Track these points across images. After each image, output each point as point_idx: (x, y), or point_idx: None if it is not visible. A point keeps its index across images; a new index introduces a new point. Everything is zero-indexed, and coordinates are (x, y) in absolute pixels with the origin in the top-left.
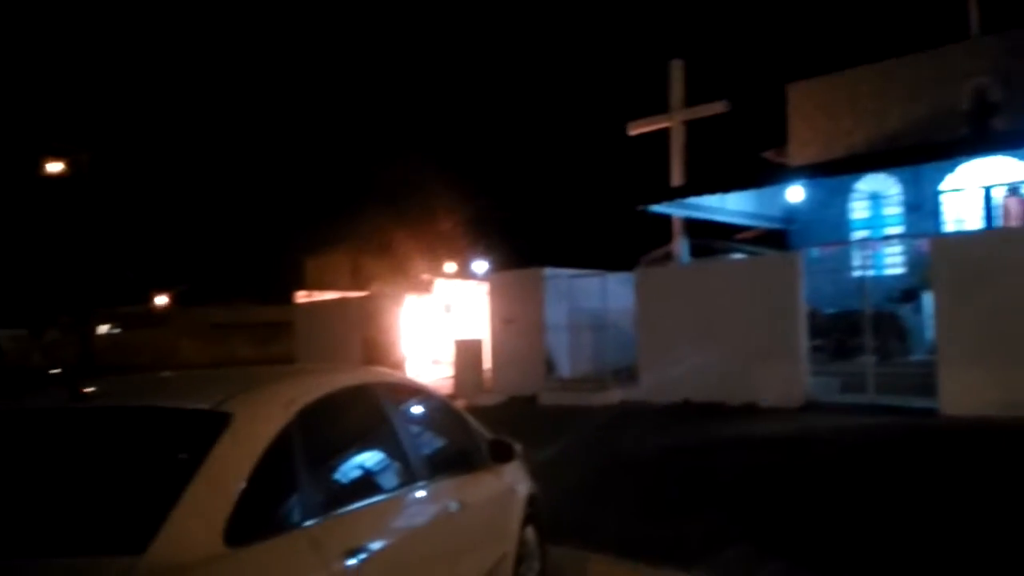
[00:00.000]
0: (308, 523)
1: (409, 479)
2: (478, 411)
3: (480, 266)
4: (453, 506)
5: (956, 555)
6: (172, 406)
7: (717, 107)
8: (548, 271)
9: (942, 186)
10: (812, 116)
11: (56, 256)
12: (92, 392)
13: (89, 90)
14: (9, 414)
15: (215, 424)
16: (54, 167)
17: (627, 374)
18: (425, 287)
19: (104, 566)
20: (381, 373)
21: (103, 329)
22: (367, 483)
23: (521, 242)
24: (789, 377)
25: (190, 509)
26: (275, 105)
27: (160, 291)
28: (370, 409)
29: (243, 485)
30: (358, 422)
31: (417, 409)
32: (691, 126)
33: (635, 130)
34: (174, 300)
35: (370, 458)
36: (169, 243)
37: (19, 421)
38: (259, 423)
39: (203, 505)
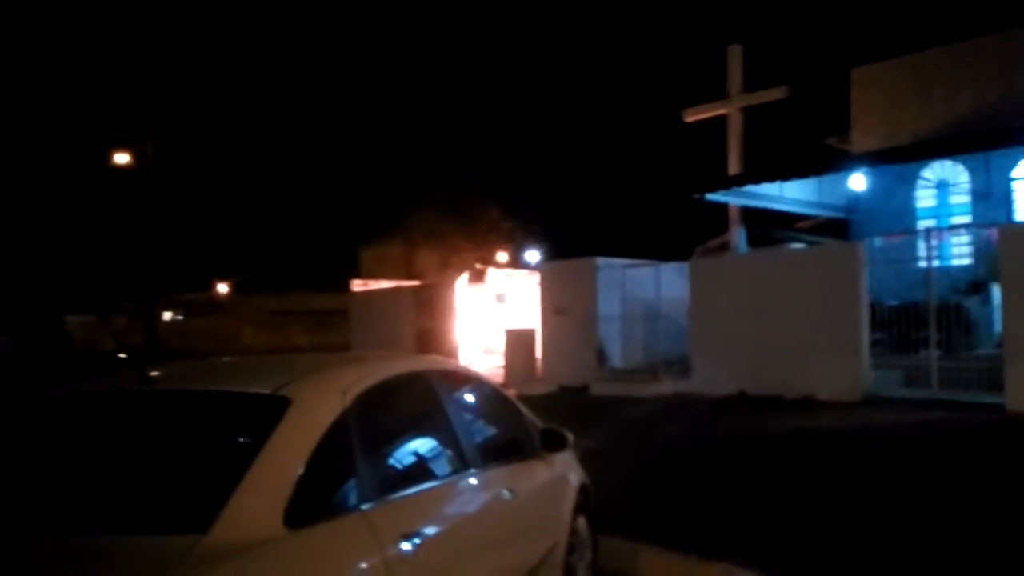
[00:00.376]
0: (365, 507)
1: (462, 466)
2: (529, 400)
3: (532, 256)
4: (505, 494)
5: None
6: (234, 390)
7: (777, 93)
8: (600, 261)
9: (1014, 173)
10: (877, 101)
11: (122, 244)
12: (158, 376)
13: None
14: (80, 396)
15: (276, 409)
16: (121, 158)
17: (680, 365)
18: (478, 277)
19: (170, 544)
20: (435, 361)
21: (167, 316)
22: (422, 469)
23: (574, 231)
24: (849, 370)
25: (251, 491)
26: (336, 100)
27: (221, 279)
28: (424, 396)
29: (302, 469)
30: (413, 409)
31: (470, 397)
32: (749, 112)
33: (692, 117)
34: (234, 288)
35: (424, 445)
36: (230, 233)
37: (89, 403)
38: (318, 408)
39: (264, 487)
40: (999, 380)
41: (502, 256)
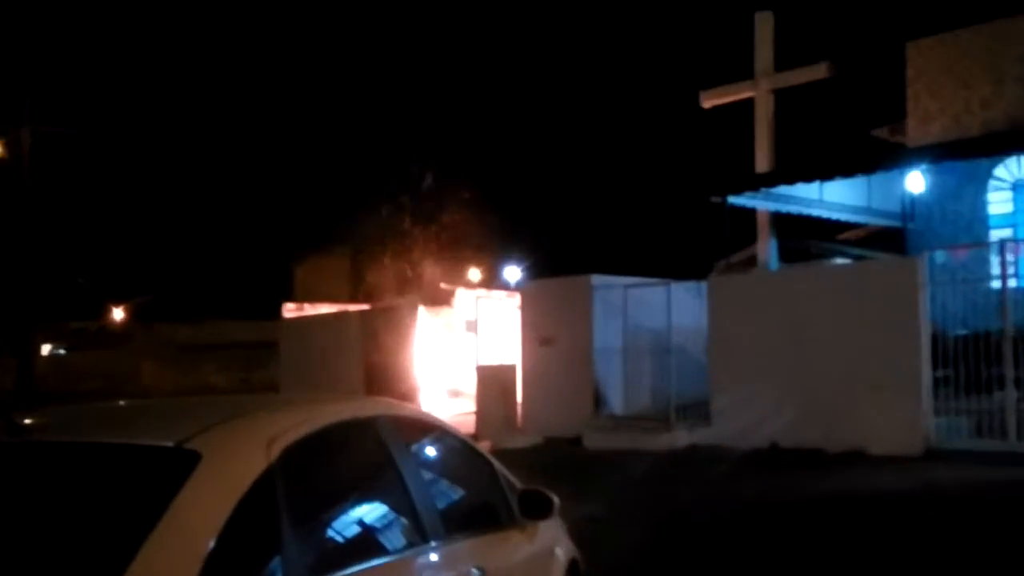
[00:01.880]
0: None
1: (419, 538)
2: (507, 455)
3: (512, 273)
4: (474, 573)
5: None
6: (127, 442)
7: (816, 71)
8: (597, 279)
9: None
10: (939, 83)
11: None
12: (30, 424)
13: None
14: None
15: (179, 466)
16: None
17: (697, 411)
18: (443, 299)
19: None
20: (386, 405)
21: (47, 349)
22: (367, 542)
23: (564, 243)
24: (907, 416)
25: (147, 574)
26: (256, 86)
27: (117, 303)
28: (372, 450)
29: (212, 544)
30: (357, 465)
31: (431, 451)
32: (781, 96)
33: (711, 101)
34: (133, 315)
35: (371, 511)
36: (130, 245)
37: None
38: (234, 465)
39: (163, 569)
40: None
41: (474, 274)
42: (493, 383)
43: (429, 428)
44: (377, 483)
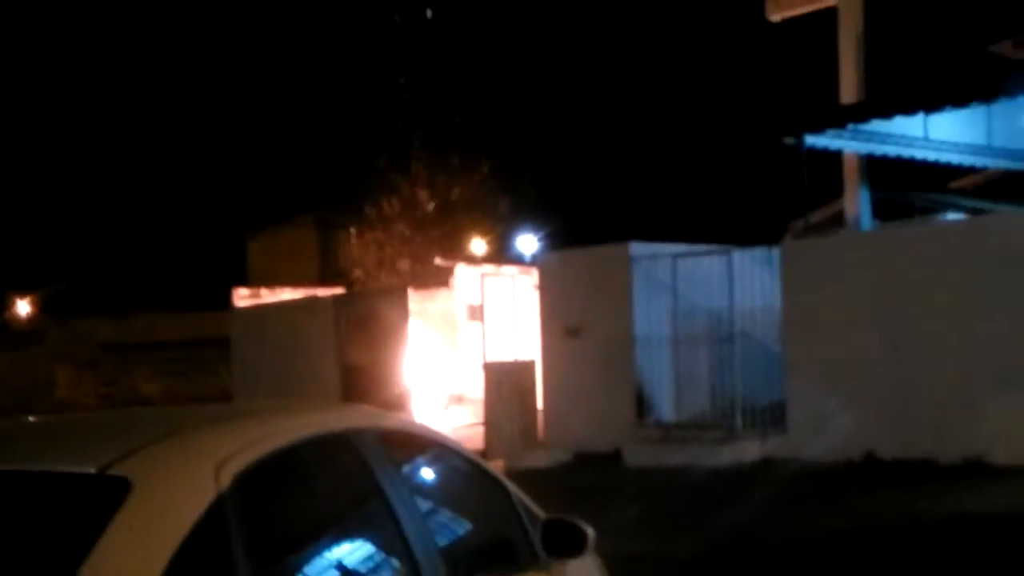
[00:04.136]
0: None
1: None
2: (527, 477)
3: (527, 243)
4: None
5: None
6: (37, 469)
7: None
8: (636, 248)
9: None
10: None
11: None
12: None
13: None
14: None
15: (105, 497)
16: None
17: (770, 414)
18: (439, 278)
19: None
20: (370, 415)
21: None
22: None
23: (590, 203)
24: None
25: None
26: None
27: (22, 294)
28: (352, 473)
29: None
30: (332, 493)
31: (428, 473)
32: (873, 4)
33: (779, 12)
34: (43, 309)
35: (352, 551)
36: (37, 224)
37: None
38: (174, 495)
39: None
40: None
41: (478, 245)
42: (506, 385)
43: (424, 444)
44: (358, 515)
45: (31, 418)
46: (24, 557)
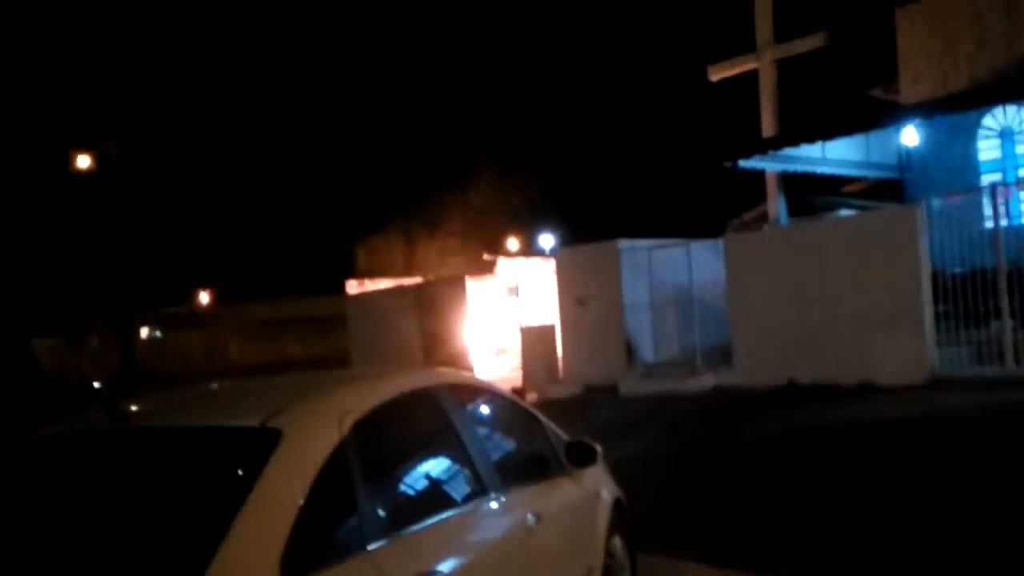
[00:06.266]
0: (372, 546)
1: (480, 491)
2: (551, 405)
3: (547, 241)
4: (530, 518)
5: None
6: (217, 424)
7: (813, 41)
8: (623, 243)
9: None
10: (926, 43)
11: (92, 256)
12: (132, 412)
13: (117, 78)
14: (47, 441)
15: (265, 443)
16: (83, 161)
17: (720, 355)
18: (487, 268)
19: None
20: (442, 374)
21: (145, 333)
22: (434, 499)
23: (593, 210)
24: (912, 349)
25: (242, 538)
26: (316, 81)
27: (202, 288)
28: (433, 416)
29: (298, 509)
30: (420, 431)
31: (485, 412)
32: (783, 66)
33: (718, 75)
34: (217, 298)
35: (436, 471)
36: (208, 236)
37: (57, 448)
38: (312, 439)
39: (256, 534)
40: None
41: (513, 243)
42: (535, 341)
43: (481, 392)
44: (439, 446)
45: (212, 384)
46: (211, 486)
